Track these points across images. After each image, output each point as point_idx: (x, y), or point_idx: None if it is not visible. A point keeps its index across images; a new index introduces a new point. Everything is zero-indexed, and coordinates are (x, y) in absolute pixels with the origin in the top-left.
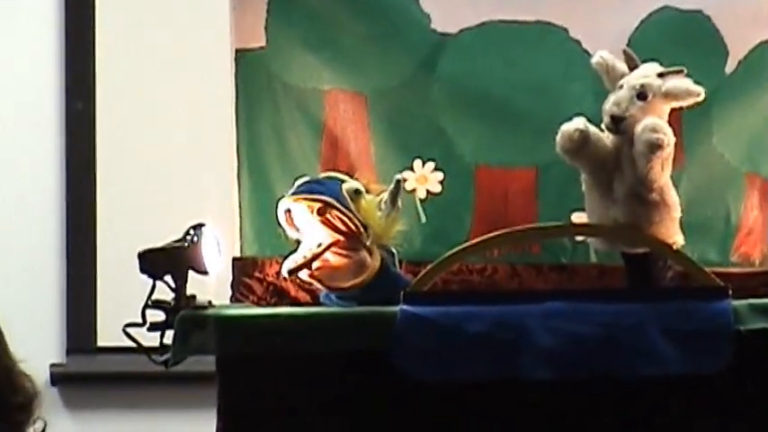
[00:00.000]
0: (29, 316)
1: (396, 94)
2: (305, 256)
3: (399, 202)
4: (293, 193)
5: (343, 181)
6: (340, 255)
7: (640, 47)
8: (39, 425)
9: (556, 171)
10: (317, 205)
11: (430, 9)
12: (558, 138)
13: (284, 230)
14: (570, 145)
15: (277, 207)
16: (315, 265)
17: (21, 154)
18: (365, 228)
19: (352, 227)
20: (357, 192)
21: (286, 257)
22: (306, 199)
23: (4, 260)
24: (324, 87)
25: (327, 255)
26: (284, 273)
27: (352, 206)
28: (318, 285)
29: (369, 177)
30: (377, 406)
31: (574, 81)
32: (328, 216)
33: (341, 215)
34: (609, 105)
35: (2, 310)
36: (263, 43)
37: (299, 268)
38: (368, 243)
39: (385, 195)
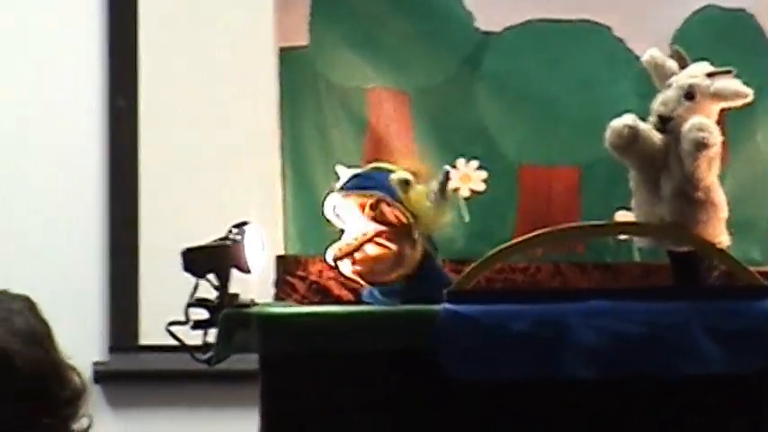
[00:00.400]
0: (72, 314)
1: (439, 93)
2: (348, 244)
3: (448, 192)
4: (342, 188)
5: (390, 171)
6: (381, 246)
7: (684, 45)
8: (84, 422)
9: (599, 170)
10: (369, 201)
11: (473, 7)
12: (608, 133)
13: (330, 222)
14: (619, 141)
15: (324, 201)
16: (357, 255)
17: (64, 151)
18: (414, 217)
19: (403, 219)
20: (406, 182)
21: (330, 245)
22: (357, 195)
23: (47, 259)
24: (367, 86)
25: (368, 246)
26: (328, 260)
27: (401, 196)
28: (359, 280)
29: (420, 174)
30: (420, 405)
31: (617, 80)
32: (380, 211)
33: (392, 209)
34: (656, 105)
35: (45, 308)
36: (306, 42)
37: (344, 256)
38: (416, 235)
39: (434, 184)
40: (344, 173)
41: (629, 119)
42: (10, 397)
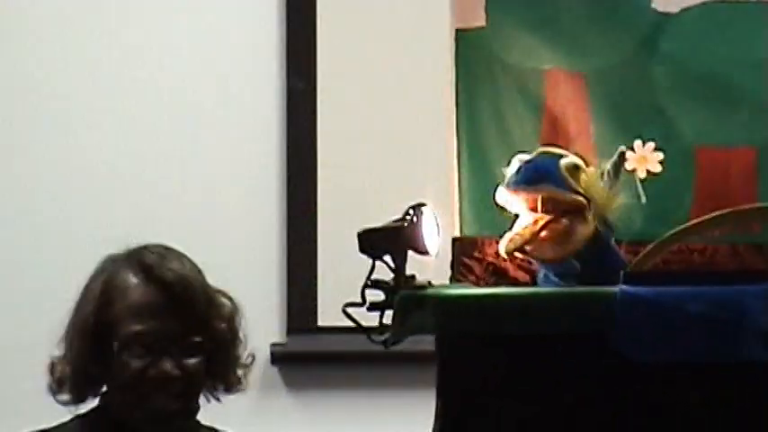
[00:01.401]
0: (251, 297)
1: (615, 74)
2: (521, 235)
3: (622, 173)
4: (510, 184)
5: (560, 156)
6: (553, 228)
7: None
8: (249, 359)
9: None
10: (539, 196)
11: None
12: None
13: (502, 209)
14: None
15: (495, 192)
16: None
17: (242, 134)
18: (588, 201)
19: (576, 204)
20: (576, 167)
21: (502, 235)
22: (526, 191)
23: (227, 243)
24: (544, 67)
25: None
26: (502, 253)
27: (572, 183)
28: (531, 260)
29: (588, 158)
30: (596, 387)
31: None
32: (549, 206)
33: (563, 199)
34: None
35: (224, 290)
36: (483, 23)
37: (518, 249)
38: (589, 214)
39: (607, 166)
40: (516, 162)
41: None
42: (158, 310)
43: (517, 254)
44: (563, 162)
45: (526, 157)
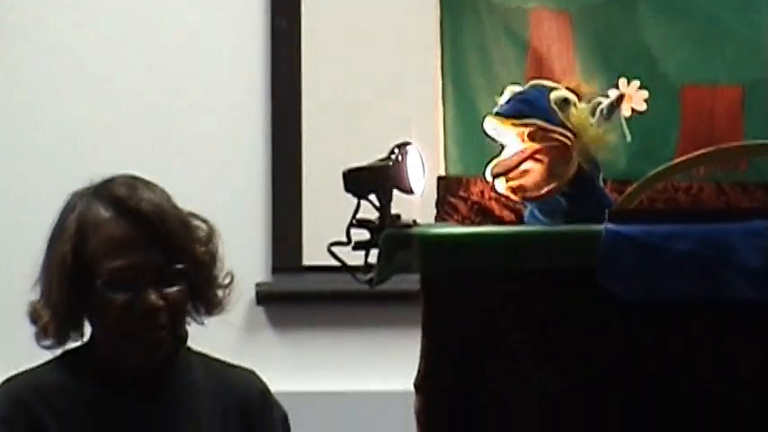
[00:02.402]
0: (235, 236)
1: (601, 12)
2: (509, 160)
3: (615, 115)
4: (499, 113)
5: (550, 89)
6: (538, 161)
7: None
8: (227, 279)
9: (762, 89)
10: (527, 130)
11: None
12: None
13: (490, 137)
14: None
15: (483, 123)
16: (513, 174)
17: (224, 72)
18: (575, 135)
19: (563, 140)
20: (566, 101)
21: (489, 161)
22: (514, 124)
23: (210, 182)
24: (528, 6)
25: (526, 162)
26: (487, 175)
27: (561, 116)
28: (512, 197)
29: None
30: (580, 324)
31: None
32: (537, 139)
33: (551, 134)
34: None
35: None
36: None
37: (503, 172)
38: (573, 151)
39: (603, 105)
40: (508, 93)
41: None
42: (138, 243)
43: (501, 185)
44: (553, 95)
45: (518, 88)
